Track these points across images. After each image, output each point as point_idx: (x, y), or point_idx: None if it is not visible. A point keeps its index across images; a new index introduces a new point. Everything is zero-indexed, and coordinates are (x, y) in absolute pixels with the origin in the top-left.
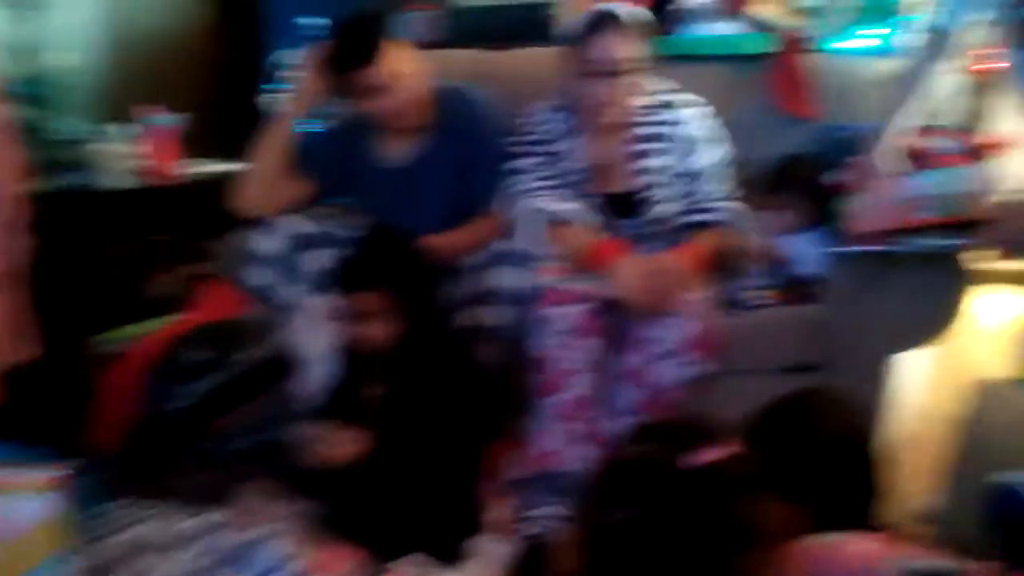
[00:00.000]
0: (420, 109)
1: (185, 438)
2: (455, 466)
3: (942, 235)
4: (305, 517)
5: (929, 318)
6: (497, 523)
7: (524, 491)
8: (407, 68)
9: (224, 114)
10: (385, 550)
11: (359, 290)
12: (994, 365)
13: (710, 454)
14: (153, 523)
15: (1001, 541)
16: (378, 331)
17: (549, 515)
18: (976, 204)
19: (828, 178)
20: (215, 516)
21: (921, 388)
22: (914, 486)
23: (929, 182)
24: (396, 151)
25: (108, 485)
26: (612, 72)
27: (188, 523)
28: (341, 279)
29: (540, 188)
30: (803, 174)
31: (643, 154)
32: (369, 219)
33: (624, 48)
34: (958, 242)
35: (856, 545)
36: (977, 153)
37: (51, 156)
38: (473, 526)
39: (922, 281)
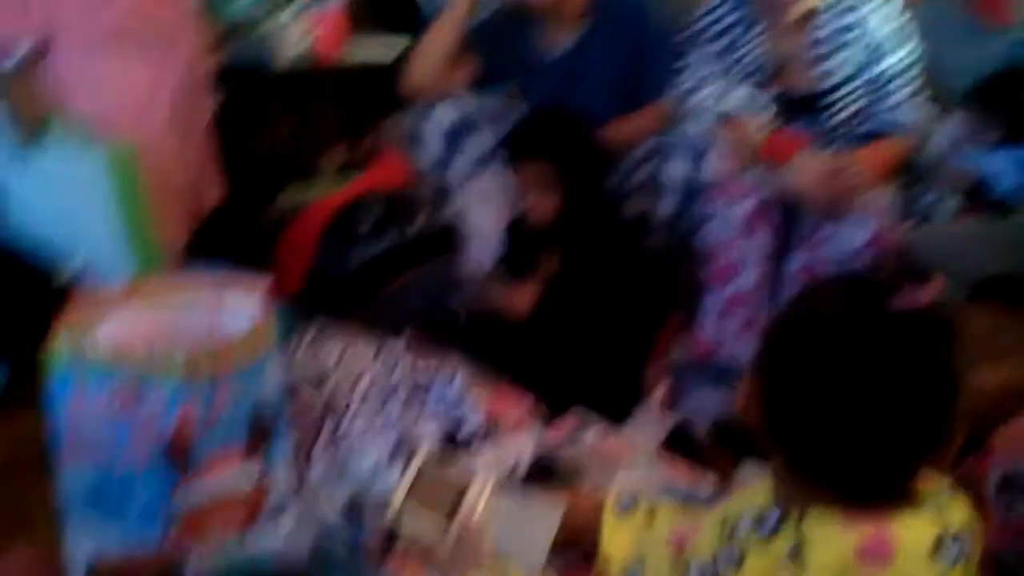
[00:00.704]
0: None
1: (355, 298)
2: (620, 338)
3: None
4: (474, 366)
5: None
6: (656, 401)
7: (685, 376)
8: None
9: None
10: (551, 405)
11: (525, 159)
12: None
13: (919, 296)
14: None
15: None
16: (543, 203)
17: (706, 401)
18: None
19: None
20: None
21: None
22: None
23: None
24: (558, 39)
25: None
26: None
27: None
28: (509, 148)
29: (716, 77)
30: (1007, 89)
31: (828, 53)
32: (533, 105)
33: None
34: None
35: None
36: None
37: (228, 32)
38: (634, 399)
39: None
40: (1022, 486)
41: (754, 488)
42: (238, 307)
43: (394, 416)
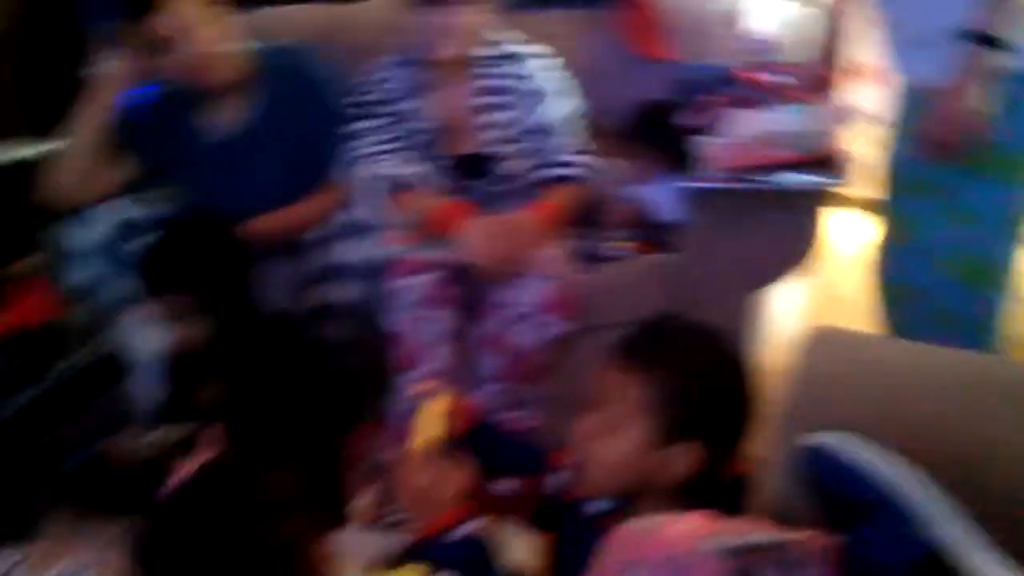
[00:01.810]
0: (229, 69)
1: (6, 455)
2: (312, 457)
3: (797, 171)
4: (127, 540)
5: (788, 255)
6: (362, 512)
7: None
8: (204, 20)
9: (36, 90)
10: None
11: (162, 293)
12: (851, 288)
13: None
14: None
15: (816, 504)
16: (193, 331)
17: None
18: (828, 140)
19: (683, 119)
20: (16, 555)
21: (784, 326)
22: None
23: (781, 118)
24: (222, 121)
25: None
26: (445, 1)
27: None
28: (144, 282)
29: (382, 152)
30: (659, 120)
31: (489, 109)
32: (195, 200)
33: None
34: (815, 179)
35: (674, 526)
36: (825, 85)
37: None
38: (338, 518)
39: (779, 218)
40: None
41: None
42: None
43: None
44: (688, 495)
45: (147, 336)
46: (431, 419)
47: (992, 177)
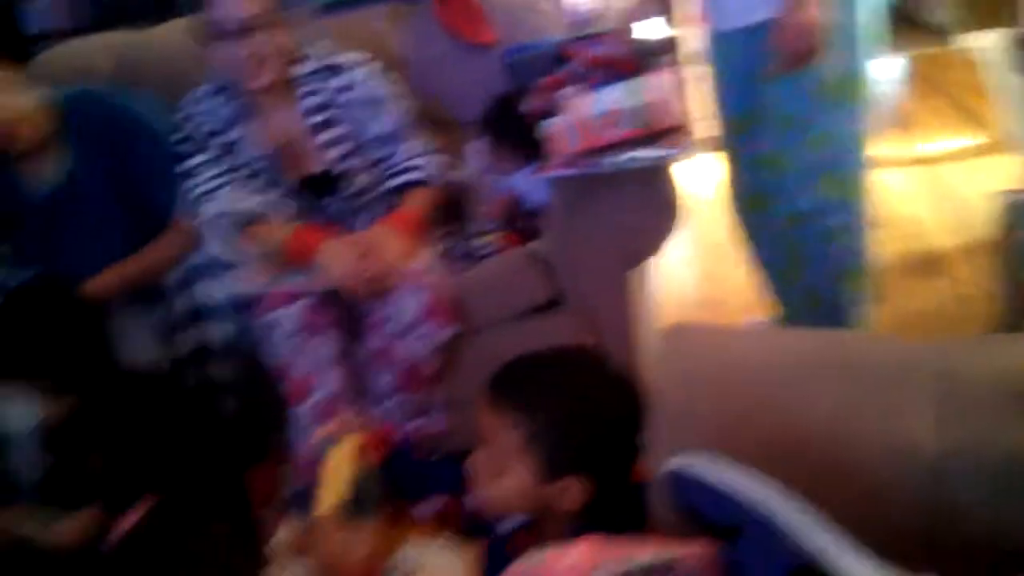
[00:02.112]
0: (31, 129)
1: None
2: (220, 504)
3: (639, 147)
4: None
5: (652, 226)
6: (286, 550)
7: (303, 505)
8: None
9: None
10: None
11: (13, 373)
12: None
13: None
14: None
15: (687, 524)
16: (56, 407)
17: None
18: (666, 112)
19: (527, 105)
20: None
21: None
22: None
23: (618, 95)
24: (38, 181)
25: None
26: (241, 30)
27: None
28: None
29: (220, 186)
30: (509, 110)
31: (324, 126)
32: (26, 265)
33: (247, 3)
34: (655, 154)
35: (561, 560)
36: (657, 50)
37: None
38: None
39: (636, 193)
40: None
41: None
42: None
43: None
44: (589, 515)
45: (14, 412)
46: (338, 470)
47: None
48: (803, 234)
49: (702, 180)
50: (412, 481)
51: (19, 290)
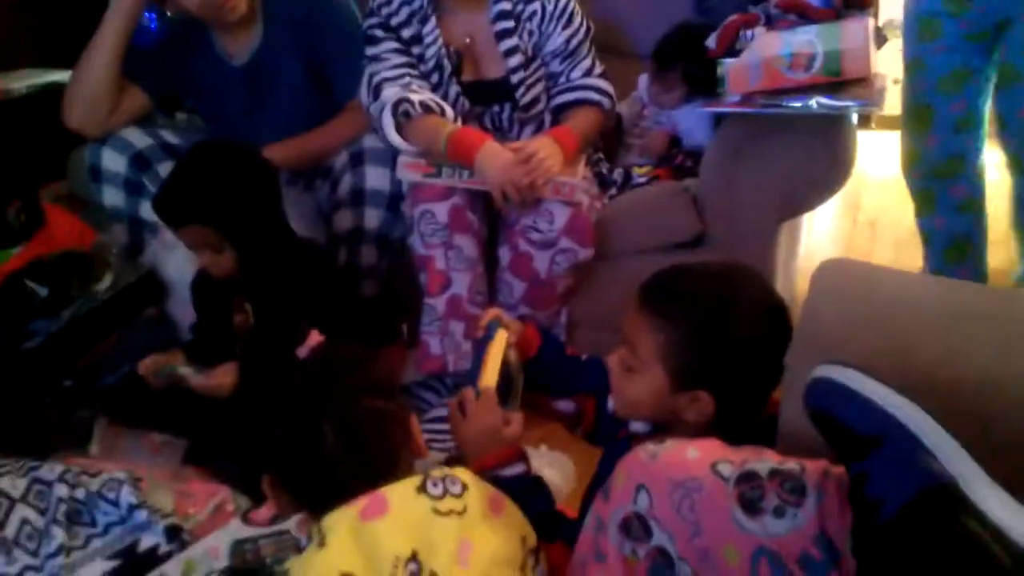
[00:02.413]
0: (244, 4)
1: (44, 376)
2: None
3: (825, 94)
4: (171, 450)
5: (816, 180)
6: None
7: (419, 396)
8: None
9: (53, 18)
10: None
11: (181, 225)
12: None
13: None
14: (5, 475)
15: (824, 436)
16: (217, 261)
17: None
18: (860, 62)
19: (709, 41)
20: (59, 468)
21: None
22: None
23: (810, 38)
24: (235, 49)
25: None
26: None
27: (38, 473)
28: (161, 214)
29: (400, 76)
30: (687, 42)
31: (506, 34)
32: (214, 128)
33: None
34: (842, 103)
35: (681, 452)
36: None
37: None
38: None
39: (806, 143)
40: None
41: None
42: None
43: (53, 564)
44: (716, 432)
45: (178, 260)
46: (498, 353)
47: None
48: None
49: (878, 156)
50: (557, 376)
51: (205, 144)
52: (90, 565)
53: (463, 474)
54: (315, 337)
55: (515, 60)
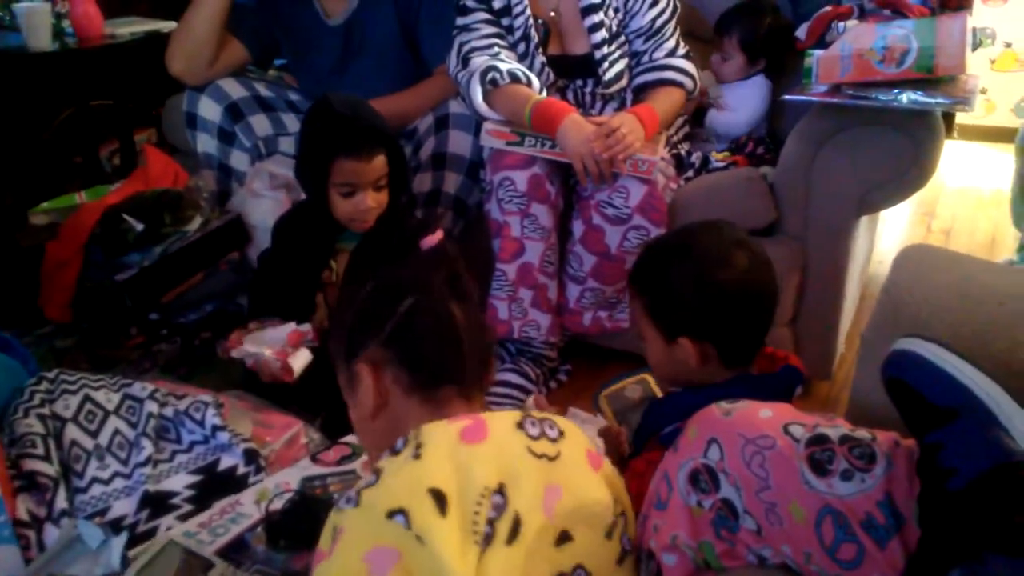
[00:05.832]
0: None
1: (133, 308)
2: None
3: (914, 90)
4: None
5: (895, 178)
6: None
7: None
8: None
9: None
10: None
11: (375, 152)
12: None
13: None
14: (100, 388)
15: (899, 407)
16: (379, 198)
17: (507, 383)
18: (953, 60)
19: (801, 31)
20: (150, 387)
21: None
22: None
23: (903, 33)
24: (333, 9)
25: (57, 352)
26: None
27: (130, 390)
28: (356, 147)
29: (488, 46)
30: (744, 10)
31: (593, 9)
32: (304, 82)
33: None
34: (931, 100)
35: (755, 411)
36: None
37: None
38: None
39: (895, 139)
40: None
41: None
42: None
43: (140, 472)
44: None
45: (263, 209)
46: None
47: None
48: None
49: (962, 164)
50: None
51: (345, 95)
52: (174, 477)
53: (563, 422)
54: (438, 234)
55: (599, 36)
